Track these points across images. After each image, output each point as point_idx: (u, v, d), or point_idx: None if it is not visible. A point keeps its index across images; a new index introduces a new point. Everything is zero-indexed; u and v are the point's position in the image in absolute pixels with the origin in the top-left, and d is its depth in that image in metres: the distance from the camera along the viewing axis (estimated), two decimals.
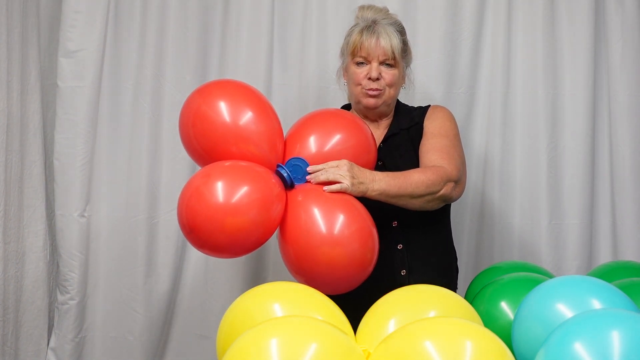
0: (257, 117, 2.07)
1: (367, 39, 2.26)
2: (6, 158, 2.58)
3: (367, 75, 2.27)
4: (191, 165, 2.76)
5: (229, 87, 2.14)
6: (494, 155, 2.83)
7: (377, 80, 2.27)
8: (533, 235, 2.83)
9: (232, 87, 2.14)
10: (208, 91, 2.10)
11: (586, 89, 2.80)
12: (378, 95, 2.28)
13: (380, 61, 2.26)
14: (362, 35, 2.26)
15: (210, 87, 2.13)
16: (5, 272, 2.61)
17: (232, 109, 2.06)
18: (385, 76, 2.27)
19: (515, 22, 2.81)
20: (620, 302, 1.64)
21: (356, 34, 2.28)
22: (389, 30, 2.26)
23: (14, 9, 2.58)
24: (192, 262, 2.80)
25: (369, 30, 2.27)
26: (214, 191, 1.94)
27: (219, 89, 2.12)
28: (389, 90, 2.29)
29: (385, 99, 2.30)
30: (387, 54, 2.25)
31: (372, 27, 2.27)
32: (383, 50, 2.25)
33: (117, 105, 2.72)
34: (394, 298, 1.74)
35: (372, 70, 2.26)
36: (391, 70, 2.27)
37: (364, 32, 2.27)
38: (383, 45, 2.25)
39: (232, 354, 1.47)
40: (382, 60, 2.26)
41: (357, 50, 2.27)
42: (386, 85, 2.28)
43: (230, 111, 2.05)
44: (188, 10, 2.73)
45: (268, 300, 1.70)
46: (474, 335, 1.45)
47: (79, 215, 2.70)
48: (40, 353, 2.72)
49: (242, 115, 2.06)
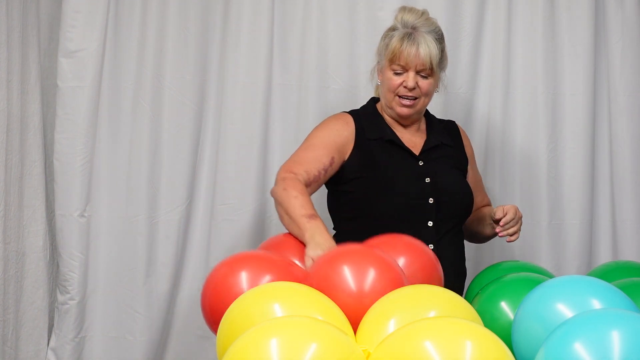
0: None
1: (407, 48, 2.26)
2: (6, 158, 2.58)
3: (403, 84, 2.28)
4: (191, 165, 2.77)
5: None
6: (494, 155, 2.83)
7: (413, 90, 2.28)
8: (533, 235, 2.83)
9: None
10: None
11: (586, 89, 2.80)
12: (412, 105, 2.31)
13: (418, 70, 2.28)
14: (402, 44, 2.26)
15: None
16: (5, 272, 2.61)
17: None
18: (421, 85, 2.29)
19: (515, 22, 2.81)
20: (620, 302, 1.64)
21: (396, 40, 2.27)
22: (429, 40, 2.27)
23: (14, 9, 2.57)
24: (192, 262, 2.80)
25: (409, 38, 2.27)
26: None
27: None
28: (424, 99, 2.32)
29: (418, 108, 2.33)
30: (426, 64, 2.27)
31: (412, 35, 2.27)
32: (422, 61, 2.26)
33: (117, 105, 2.72)
34: (394, 298, 1.73)
35: (409, 80, 2.27)
36: (427, 80, 2.29)
37: (405, 40, 2.27)
38: (422, 57, 2.26)
39: (232, 354, 1.47)
40: (420, 70, 2.28)
41: (396, 59, 2.27)
42: (422, 94, 2.30)
43: None
44: (188, 11, 2.73)
45: (268, 300, 1.70)
46: (474, 336, 1.45)
47: (79, 215, 2.70)
48: (40, 353, 2.71)
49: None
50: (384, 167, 2.29)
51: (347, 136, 2.32)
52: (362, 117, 2.37)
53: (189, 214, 2.78)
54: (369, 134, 2.33)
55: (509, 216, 2.27)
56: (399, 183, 2.27)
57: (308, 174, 2.22)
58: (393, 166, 2.30)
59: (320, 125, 2.37)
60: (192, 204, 2.78)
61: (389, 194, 2.26)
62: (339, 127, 2.33)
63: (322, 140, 2.30)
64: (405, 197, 2.26)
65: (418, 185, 2.28)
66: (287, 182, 2.18)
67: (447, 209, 2.30)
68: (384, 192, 2.26)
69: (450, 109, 2.81)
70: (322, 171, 2.25)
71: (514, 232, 2.29)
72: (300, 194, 2.15)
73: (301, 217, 2.11)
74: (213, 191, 2.78)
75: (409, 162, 2.32)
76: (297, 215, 2.12)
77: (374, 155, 2.31)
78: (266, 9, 2.74)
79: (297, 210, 2.12)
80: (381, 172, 2.28)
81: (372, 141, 2.33)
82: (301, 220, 2.10)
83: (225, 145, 2.76)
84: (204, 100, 2.77)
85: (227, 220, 2.77)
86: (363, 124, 2.35)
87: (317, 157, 2.26)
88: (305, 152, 2.29)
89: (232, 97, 2.76)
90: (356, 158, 2.30)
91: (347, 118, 2.37)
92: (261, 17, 2.75)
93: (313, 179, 2.23)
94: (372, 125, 2.35)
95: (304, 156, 2.27)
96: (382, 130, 2.35)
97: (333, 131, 2.32)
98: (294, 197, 2.15)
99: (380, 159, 2.30)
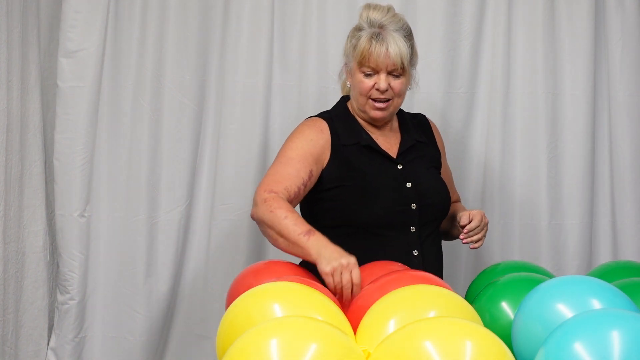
0: None
1: (376, 49, 2.18)
2: (6, 158, 2.58)
3: (375, 86, 2.22)
4: (191, 165, 2.77)
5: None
6: (494, 155, 2.83)
7: (386, 92, 2.22)
8: (533, 235, 2.83)
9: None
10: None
11: (586, 89, 2.80)
12: (386, 108, 2.25)
13: (389, 71, 2.21)
14: (371, 45, 2.19)
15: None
16: (5, 272, 2.61)
17: None
18: (393, 86, 2.22)
19: (515, 22, 2.81)
20: (620, 302, 1.64)
21: (364, 42, 2.20)
22: (397, 38, 2.19)
23: (14, 9, 2.57)
24: (192, 262, 2.80)
25: (377, 38, 2.19)
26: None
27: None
28: (397, 99, 2.26)
29: (392, 110, 2.28)
30: (397, 64, 2.19)
31: (380, 35, 2.19)
32: (392, 61, 2.19)
33: (117, 105, 2.72)
34: (394, 298, 1.73)
35: (380, 82, 2.20)
36: (399, 79, 2.23)
37: (373, 41, 2.19)
38: (393, 57, 2.18)
39: (232, 354, 1.47)
40: (391, 70, 2.21)
41: (365, 61, 2.20)
42: (395, 95, 2.24)
43: None
44: (188, 11, 2.73)
45: (268, 300, 1.70)
46: (474, 336, 1.45)
47: (79, 215, 2.70)
48: (40, 353, 2.71)
49: None
50: (364, 174, 2.22)
51: (322, 145, 2.24)
52: (336, 121, 2.29)
53: (189, 214, 2.78)
54: (345, 140, 2.26)
55: (473, 223, 2.22)
56: (380, 190, 2.21)
57: (288, 191, 2.13)
58: (373, 173, 2.23)
59: (295, 135, 2.26)
60: (192, 204, 2.78)
61: (370, 202, 2.20)
62: (313, 137, 2.24)
63: (299, 153, 2.20)
64: (387, 204, 2.21)
65: (400, 192, 2.23)
66: (271, 202, 2.08)
67: (430, 213, 2.26)
68: (365, 201, 2.20)
69: (450, 109, 2.81)
70: (302, 186, 2.17)
71: (478, 239, 2.24)
72: (289, 212, 2.06)
73: (299, 237, 2.02)
74: (213, 191, 2.78)
75: (388, 167, 2.26)
76: (294, 236, 2.03)
77: (352, 162, 2.24)
78: (266, 9, 2.74)
79: (291, 230, 2.03)
80: (361, 181, 2.22)
81: (349, 147, 2.26)
82: (300, 239, 2.02)
83: (225, 145, 2.76)
84: (204, 100, 2.77)
85: (227, 220, 2.77)
86: (337, 129, 2.27)
87: (295, 173, 2.16)
88: (282, 168, 2.18)
89: (232, 97, 2.76)
90: (334, 167, 2.23)
91: (321, 125, 2.28)
92: (261, 17, 2.75)
93: (294, 196, 2.14)
94: (347, 130, 2.28)
95: (282, 172, 2.17)
96: (358, 134, 2.28)
97: (308, 141, 2.23)
98: (284, 218, 2.05)
99: (359, 167, 2.23)
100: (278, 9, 2.76)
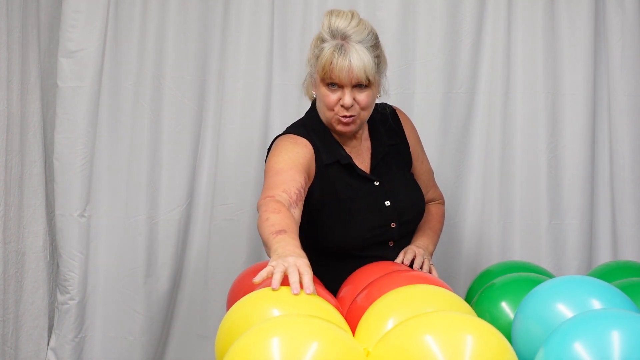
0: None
1: (339, 64, 2.04)
2: (6, 158, 2.58)
3: (339, 101, 2.09)
4: (191, 165, 2.77)
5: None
6: (494, 155, 2.83)
7: (351, 107, 2.10)
8: (533, 235, 2.83)
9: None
10: None
11: (586, 89, 2.80)
12: (352, 122, 2.13)
13: (354, 85, 2.07)
14: (333, 59, 2.05)
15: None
16: (5, 272, 2.61)
17: None
18: (359, 100, 2.09)
19: (515, 22, 2.81)
20: (620, 302, 1.64)
21: (327, 55, 2.05)
22: (361, 51, 2.04)
23: (14, 9, 2.58)
24: (192, 262, 2.80)
25: (339, 52, 2.04)
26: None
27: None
28: (364, 112, 2.13)
29: (359, 123, 2.15)
30: (361, 79, 2.06)
31: (342, 48, 2.05)
32: (356, 76, 2.05)
33: (117, 105, 2.72)
34: (393, 298, 1.73)
35: (345, 98, 2.08)
36: (365, 91, 2.09)
37: (335, 54, 2.05)
38: (356, 72, 2.04)
39: (232, 353, 1.47)
40: (355, 84, 2.08)
41: (327, 77, 2.07)
42: (360, 109, 2.11)
43: None
44: (188, 11, 2.73)
45: (267, 305, 1.69)
46: (474, 329, 1.44)
47: (79, 215, 2.70)
48: (40, 353, 2.72)
49: None
50: (344, 198, 2.16)
51: (309, 159, 2.12)
52: (314, 137, 2.17)
53: (189, 214, 2.78)
54: (325, 158, 2.16)
55: (405, 261, 2.15)
56: (361, 213, 2.16)
57: (288, 193, 1.98)
58: (353, 195, 2.17)
59: (277, 152, 2.12)
60: (192, 204, 2.78)
61: (351, 225, 2.16)
62: (298, 150, 2.12)
63: (288, 163, 2.06)
64: (368, 226, 2.16)
65: (379, 212, 2.18)
66: (262, 207, 1.93)
67: (408, 227, 2.25)
68: (346, 224, 2.15)
69: (450, 109, 2.81)
70: (302, 189, 2.02)
71: (421, 265, 2.15)
72: (274, 212, 1.89)
73: (269, 236, 1.84)
74: (213, 191, 2.78)
75: (367, 187, 2.19)
76: (265, 235, 1.86)
77: (334, 185, 2.16)
78: (266, 9, 2.74)
79: (266, 230, 1.86)
80: (342, 204, 2.15)
81: (329, 167, 2.16)
82: (269, 239, 1.83)
83: (225, 145, 2.77)
84: (204, 100, 2.78)
85: (227, 220, 2.77)
86: (318, 147, 2.16)
87: (290, 178, 2.02)
88: (276, 177, 2.03)
89: (232, 97, 2.77)
90: (317, 187, 2.14)
91: (303, 141, 2.15)
92: (261, 17, 2.75)
93: (296, 198, 1.99)
94: (325, 147, 2.17)
95: (276, 181, 2.02)
96: (336, 151, 2.18)
97: (294, 153, 2.10)
98: (265, 220, 1.88)
99: (340, 190, 2.16)
100: (278, 9, 2.76)
